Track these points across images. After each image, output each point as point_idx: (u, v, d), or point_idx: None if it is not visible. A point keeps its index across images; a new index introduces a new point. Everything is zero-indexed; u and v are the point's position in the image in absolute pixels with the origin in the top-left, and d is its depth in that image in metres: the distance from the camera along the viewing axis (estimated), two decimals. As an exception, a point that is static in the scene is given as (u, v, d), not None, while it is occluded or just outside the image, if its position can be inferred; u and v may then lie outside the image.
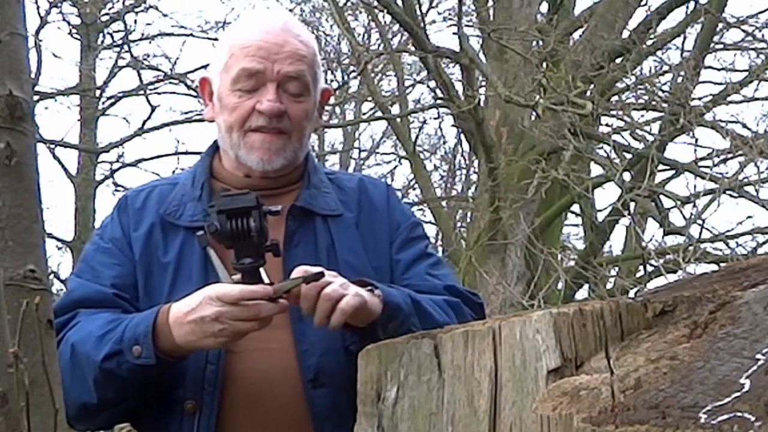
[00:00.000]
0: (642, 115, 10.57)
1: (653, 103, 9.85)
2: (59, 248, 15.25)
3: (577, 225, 13.84)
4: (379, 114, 14.00)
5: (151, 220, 2.14)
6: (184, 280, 2.07)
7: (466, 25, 10.77)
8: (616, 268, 11.31)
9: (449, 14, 11.74)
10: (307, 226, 2.13)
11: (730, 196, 8.94)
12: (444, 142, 16.00)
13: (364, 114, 16.02)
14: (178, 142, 19.92)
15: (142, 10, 15.23)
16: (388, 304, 1.98)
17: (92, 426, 2.17)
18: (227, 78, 2.13)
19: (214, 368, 2.01)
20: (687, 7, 10.38)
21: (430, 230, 12.30)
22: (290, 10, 13.96)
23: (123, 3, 15.27)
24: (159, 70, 15.02)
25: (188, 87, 14.37)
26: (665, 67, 10.76)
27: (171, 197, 2.17)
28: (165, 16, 18.00)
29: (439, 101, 11.34)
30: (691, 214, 9.27)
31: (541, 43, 9.92)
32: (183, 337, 1.93)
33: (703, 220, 9.27)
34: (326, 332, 2.02)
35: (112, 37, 15.62)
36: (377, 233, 2.20)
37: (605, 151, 9.83)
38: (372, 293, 2.00)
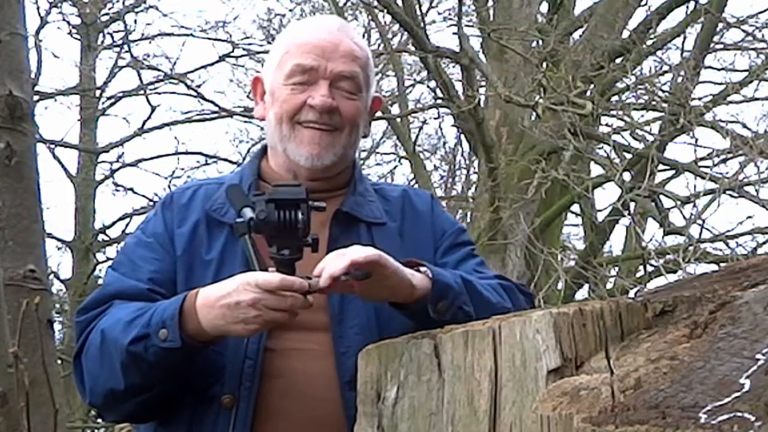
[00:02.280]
0: (642, 115, 10.59)
1: (653, 103, 9.85)
2: (59, 248, 15.25)
3: (577, 225, 13.85)
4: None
5: (196, 217, 2.16)
6: (225, 277, 2.07)
7: (466, 25, 10.78)
8: (616, 268, 11.32)
9: (449, 14, 11.74)
10: (351, 232, 2.14)
11: (730, 196, 8.94)
12: (444, 142, 15.99)
13: (364, 114, 15.98)
14: (178, 142, 19.90)
15: (142, 10, 15.22)
16: (437, 282, 1.98)
17: (120, 416, 2.19)
18: (280, 74, 2.16)
19: (252, 363, 2.03)
20: (687, 7, 10.39)
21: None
22: (290, 11, 13.99)
23: (123, 3, 15.26)
24: (159, 70, 15.00)
25: (188, 87, 14.37)
26: (665, 67, 10.76)
27: (217, 195, 2.19)
28: (165, 16, 18.05)
29: (439, 101, 11.34)
30: (691, 214, 9.28)
31: (541, 43, 9.93)
32: (211, 321, 1.94)
33: (703, 220, 9.26)
34: (365, 335, 2.03)
35: (112, 37, 15.61)
36: (421, 241, 2.22)
37: (605, 151, 9.84)
38: (419, 272, 2.00)
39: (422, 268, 2.01)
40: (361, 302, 2.02)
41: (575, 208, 11.63)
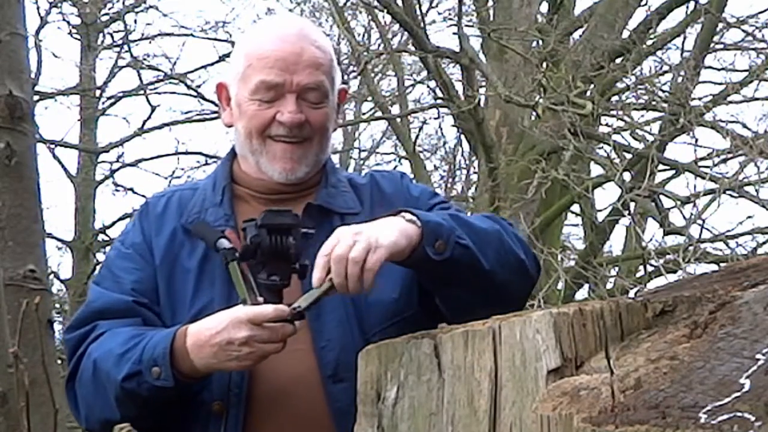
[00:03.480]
0: (642, 115, 10.59)
1: (653, 103, 9.85)
2: (59, 248, 15.25)
3: (577, 225, 13.85)
4: (379, 114, 14.00)
5: (172, 226, 2.16)
6: (206, 285, 2.08)
7: (466, 25, 10.78)
8: (616, 268, 11.31)
9: (449, 14, 11.74)
10: (324, 225, 2.12)
11: (730, 196, 8.94)
12: (444, 142, 16.00)
13: (364, 114, 16.02)
14: (178, 142, 19.83)
15: (142, 10, 15.22)
16: (426, 224, 1.95)
17: None
18: (245, 87, 2.13)
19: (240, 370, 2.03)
20: (687, 7, 10.40)
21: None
22: (290, 11, 13.99)
23: (123, 3, 15.27)
24: (159, 70, 15.02)
25: (188, 87, 14.39)
26: (665, 67, 10.77)
27: (192, 203, 2.18)
28: (165, 16, 18.00)
29: (439, 101, 11.34)
30: (691, 214, 9.27)
31: (541, 43, 9.93)
32: (203, 360, 1.94)
33: (703, 220, 9.25)
34: (344, 328, 2.04)
35: (112, 37, 15.62)
36: None
37: (605, 151, 9.84)
38: (405, 220, 1.97)
39: (407, 215, 1.97)
40: (339, 295, 1.98)
41: (575, 208, 11.63)
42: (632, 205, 9.35)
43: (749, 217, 10.23)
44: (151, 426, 2.11)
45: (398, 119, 12.74)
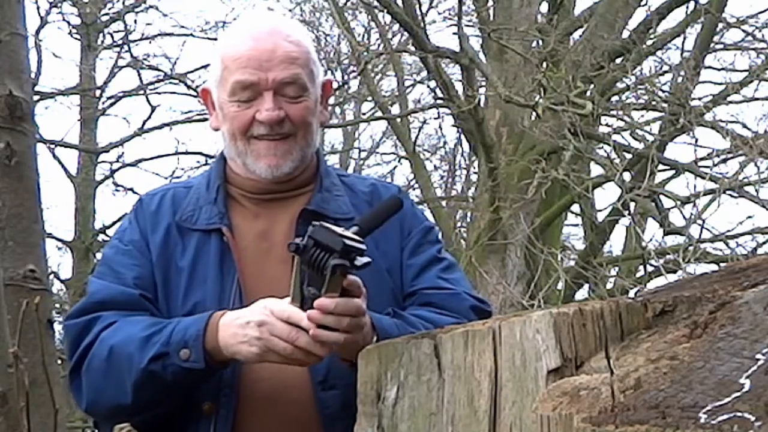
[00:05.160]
0: (642, 115, 10.61)
1: (653, 103, 9.86)
2: (59, 248, 15.26)
3: (577, 225, 13.87)
4: (379, 114, 14.01)
5: (166, 224, 2.16)
6: (198, 282, 2.09)
7: (466, 25, 10.79)
8: (616, 268, 11.33)
9: (449, 14, 11.75)
10: None
11: (730, 196, 8.96)
12: (444, 142, 16.01)
13: (364, 114, 16.03)
14: (178, 142, 19.92)
15: (142, 10, 15.24)
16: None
17: (117, 425, 2.20)
18: (224, 90, 2.15)
19: (230, 371, 2.03)
20: (687, 7, 10.40)
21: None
22: (290, 11, 13.99)
23: (123, 3, 15.28)
24: (159, 70, 15.03)
25: (188, 87, 14.38)
26: (665, 67, 10.78)
27: (186, 202, 2.19)
28: (165, 16, 18.09)
29: (439, 101, 11.35)
30: (691, 214, 9.29)
31: (541, 43, 9.94)
32: (224, 339, 1.94)
33: (703, 220, 9.27)
34: None
35: (112, 37, 15.63)
36: (389, 237, 2.19)
37: (605, 151, 9.85)
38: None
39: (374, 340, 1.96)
40: None
41: (575, 208, 11.65)
42: (632, 205, 9.36)
43: (749, 217, 10.27)
44: (147, 423, 2.10)
45: (398, 119, 12.75)
